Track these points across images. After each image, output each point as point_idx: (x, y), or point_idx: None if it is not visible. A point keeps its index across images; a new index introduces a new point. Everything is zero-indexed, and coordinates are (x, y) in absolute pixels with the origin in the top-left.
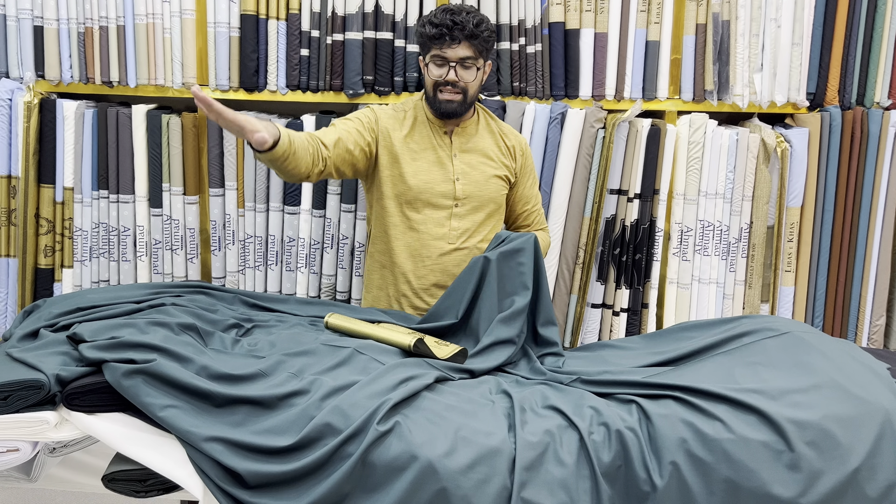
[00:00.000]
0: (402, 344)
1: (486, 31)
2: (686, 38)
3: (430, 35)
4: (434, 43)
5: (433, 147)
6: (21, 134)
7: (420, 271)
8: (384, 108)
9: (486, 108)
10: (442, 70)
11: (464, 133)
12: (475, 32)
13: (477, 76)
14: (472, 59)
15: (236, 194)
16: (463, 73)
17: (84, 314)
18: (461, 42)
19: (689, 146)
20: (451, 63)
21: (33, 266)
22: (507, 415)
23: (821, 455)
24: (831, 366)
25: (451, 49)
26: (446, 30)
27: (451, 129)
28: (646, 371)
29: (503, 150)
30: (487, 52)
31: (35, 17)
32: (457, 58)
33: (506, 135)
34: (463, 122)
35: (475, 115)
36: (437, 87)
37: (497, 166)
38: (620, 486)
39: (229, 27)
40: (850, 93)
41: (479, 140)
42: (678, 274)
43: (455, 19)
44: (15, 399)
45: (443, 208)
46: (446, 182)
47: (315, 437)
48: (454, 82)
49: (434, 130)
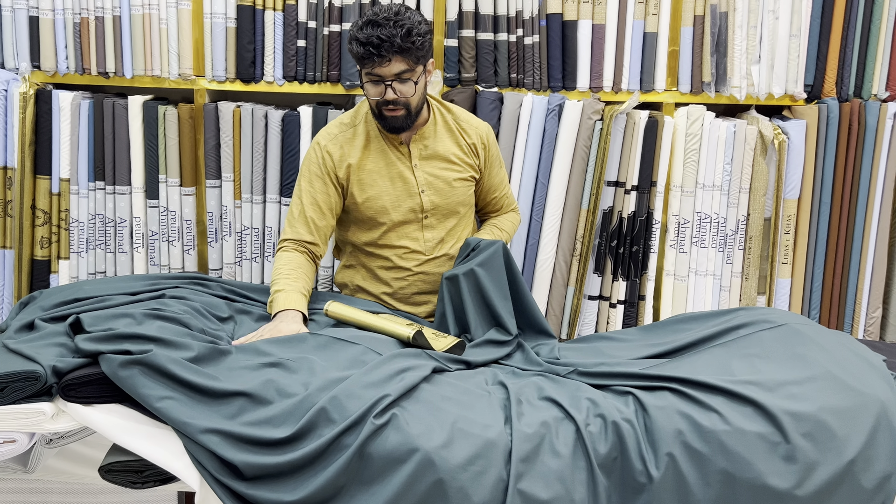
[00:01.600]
0: (400, 335)
1: (417, 37)
2: (684, 29)
3: (358, 55)
4: (364, 63)
5: (391, 162)
6: (17, 125)
7: (398, 284)
8: (329, 134)
9: (440, 100)
10: (379, 88)
11: (421, 140)
12: (404, 46)
13: (417, 87)
14: (409, 72)
15: (233, 186)
16: (401, 88)
17: (80, 305)
18: (391, 59)
19: (686, 138)
20: (386, 81)
21: (29, 257)
22: (503, 406)
23: (816, 446)
24: (827, 357)
25: (384, 67)
26: (373, 49)
27: (406, 138)
28: (642, 363)
29: (465, 149)
30: (424, 57)
31: (31, 8)
32: (391, 75)
33: (465, 131)
34: (418, 130)
35: (430, 115)
36: (379, 105)
37: (461, 169)
38: (617, 477)
39: (226, 18)
40: (847, 85)
41: (439, 143)
42: (675, 266)
43: (381, 34)
44: (11, 390)
45: (413, 222)
46: (412, 196)
47: (312, 427)
48: (394, 101)
49: (389, 143)
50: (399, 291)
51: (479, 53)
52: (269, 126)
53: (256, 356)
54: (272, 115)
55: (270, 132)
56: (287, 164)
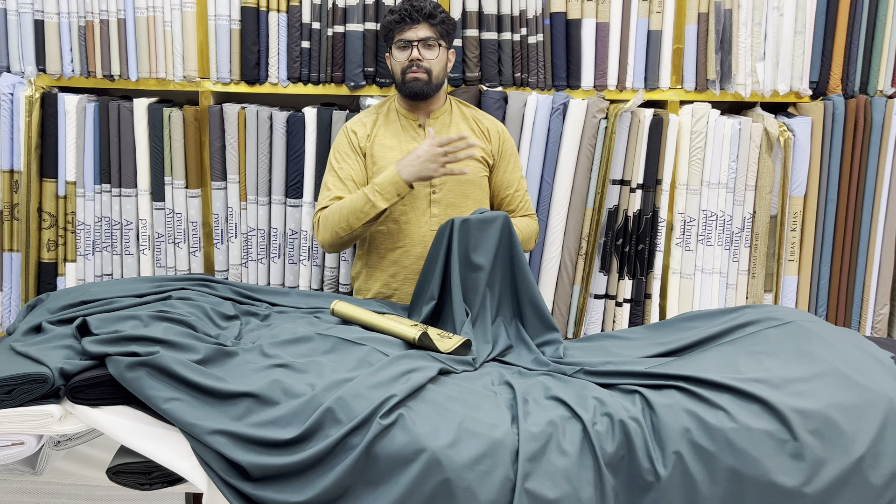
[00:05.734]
0: (406, 336)
1: (442, 13)
2: (688, 27)
3: (391, 21)
4: (396, 27)
5: (406, 140)
6: (23, 128)
7: (406, 260)
8: (356, 121)
9: (458, 99)
10: (406, 52)
11: (437, 122)
12: (433, 13)
13: (440, 55)
14: (434, 39)
15: (238, 187)
16: (425, 52)
17: (87, 307)
18: (420, 23)
19: (691, 136)
20: (413, 43)
21: (36, 260)
22: (509, 406)
23: (824, 444)
24: (834, 355)
25: (412, 30)
26: (405, 13)
27: (423, 120)
28: (649, 361)
29: (478, 132)
30: (448, 35)
31: (36, 12)
32: (418, 38)
33: (480, 119)
34: (434, 113)
35: (447, 104)
36: (404, 71)
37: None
38: (624, 476)
39: (230, 20)
40: (853, 81)
41: (454, 127)
42: (681, 264)
43: (413, 4)
44: (19, 392)
45: (421, 196)
46: None
47: (318, 428)
48: (418, 60)
49: (407, 124)
50: (402, 271)
51: (483, 53)
52: (274, 127)
53: (263, 357)
54: (277, 116)
55: (275, 133)
56: (292, 165)
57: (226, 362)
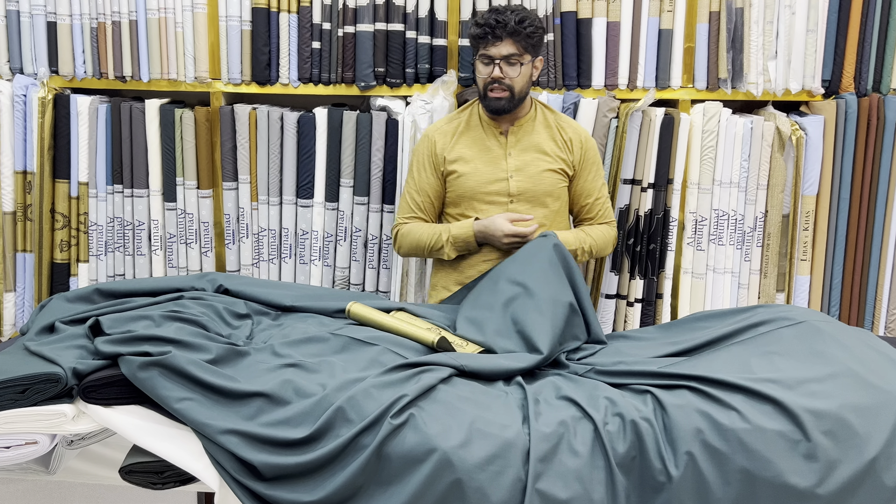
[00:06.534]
0: (424, 339)
1: (529, 27)
2: (699, 25)
3: (474, 35)
4: (479, 42)
5: (487, 148)
6: (36, 129)
7: (483, 266)
8: (438, 127)
9: (545, 103)
10: (488, 68)
11: (519, 131)
12: (517, 29)
13: (522, 72)
14: (517, 56)
15: (249, 188)
16: (508, 70)
17: (100, 308)
18: (503, 39)
19: (703, 135)
20: (495, 60)
21: (49, 261)
22: (520, 406)
23: (838, 444)
24: (848, 355)
25: (495, 47)
26: (489, 29)
27: (505, 128)
28: (661, 361)
29: (559, 143)
30: (534, 48)
31: (48, 14)
32: (500, 55)
33: (563, 128)
34: (518, 121)
35: (532, 111)
36: (486, 86)
37: (552, 160)
38: (635, 476)
39: (241, 21)
40: (866, 79)
41: (535, 136)
42: (693, 264)
43: (498, 18)
44: (33, 392)
45: (498, 205)
46: (500, 180)
47: (329, 428)
48: (499, 79)
49: (488, 132)
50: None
51: None
52: (285, 128)
53: (274, 357)
54: (288, 116)
55: (286, 134)
56: (303, 166)
57: (237, 362)
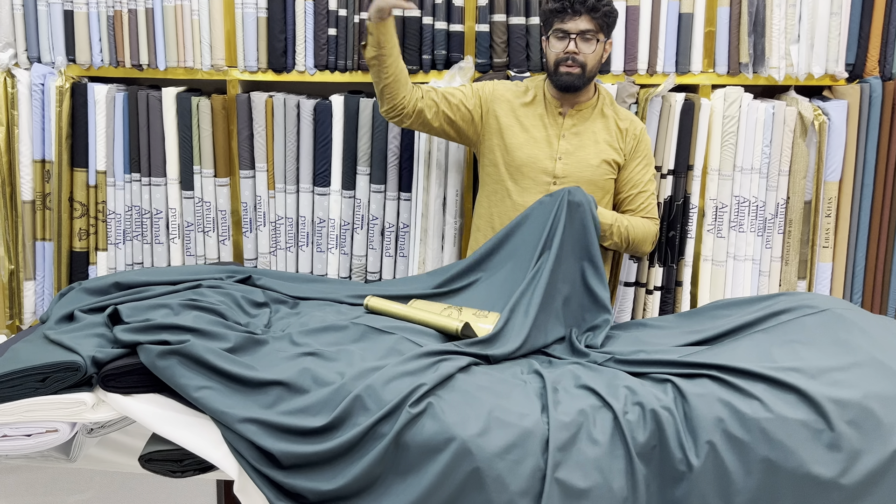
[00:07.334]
0: (448, 328)
1: (606, 6)
2: (720, 9)
3: (551, 9)
4: (556, 17)
5: (543, 125)
6: (53, 118)
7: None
8: (503, 81)
9: (608, 92)
10: (563, 43)
11: (577, 115)
12: (596, 6)
13: (596, 49)
14: (593, 33)
15: (266, 176)
16: (583, 46)
17: (119, 296)
18: (582, 15)
19: (723, 120)
20: (571, 35)
21: (68, 249)
22: (539, 395)
23: (862, 434)
24: (872, 343)
25: (572, 22)
26: (567, 3)
27: (565, 109)
28: (681, 350)
29: (613, 132)
30: (608, 27)
31: (65, 2)
32: (577, 30)
33: (620, 118)
34: (579, 105)
35: (595, 99)
36: (558, 62)
37: (604, 150)
38: (655, 465)
39: (257, 8)
40: (890, 63)
41: (591, 123)
42: (713, 251)
43: None
44: (52, 381)
45: (541, 183)
46: (549, 159)
47: (347, 416)
48: (574, 54)
49: (548, 110)
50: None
51: (510, 38)
52: (302, 115)
53: (292, 346)
54: (304, 104)
55: (303, 121)
56: (320, 154)
57: (256, 350)
